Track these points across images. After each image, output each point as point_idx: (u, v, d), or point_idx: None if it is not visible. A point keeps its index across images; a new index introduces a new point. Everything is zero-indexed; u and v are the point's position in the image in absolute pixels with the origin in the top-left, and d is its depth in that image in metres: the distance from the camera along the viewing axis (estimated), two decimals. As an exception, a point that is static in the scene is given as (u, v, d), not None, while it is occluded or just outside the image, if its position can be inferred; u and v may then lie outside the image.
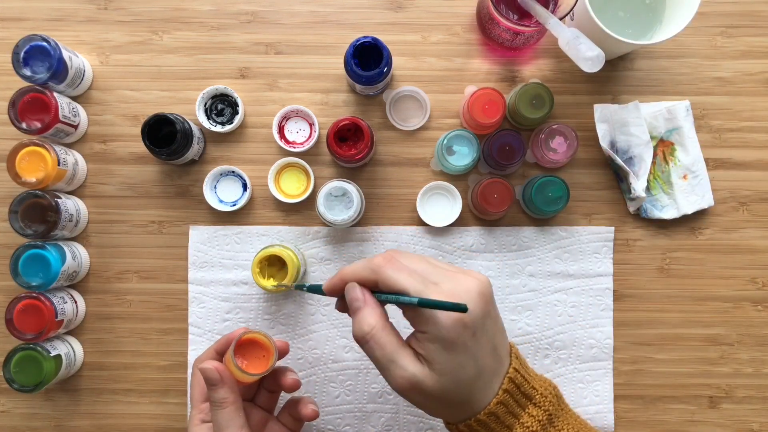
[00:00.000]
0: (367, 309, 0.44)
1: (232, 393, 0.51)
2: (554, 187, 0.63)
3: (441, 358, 0.42)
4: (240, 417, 0.51)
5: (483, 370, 0.43)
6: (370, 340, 0.43)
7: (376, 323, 0.43)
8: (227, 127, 0.66)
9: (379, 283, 0.44)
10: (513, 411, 0.44)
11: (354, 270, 0.46)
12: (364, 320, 0.44)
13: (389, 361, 0.43)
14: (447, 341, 0.41)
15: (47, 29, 0.68)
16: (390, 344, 0.43)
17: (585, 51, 0.55)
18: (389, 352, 0.43)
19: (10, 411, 0.67)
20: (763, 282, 0.68)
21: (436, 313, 0.41)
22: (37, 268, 0.61)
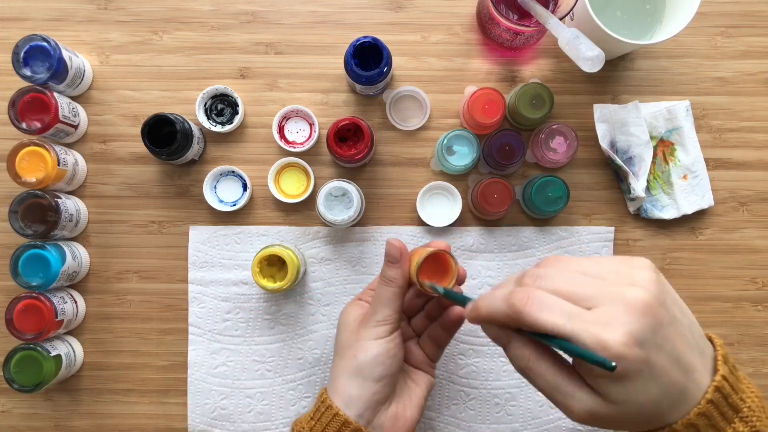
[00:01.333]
0: (514, 342, 0.40)
1: (402, 278, 0.52)
2: (554, 187, 0.63)
3: (615, 390, 0.37)
4: (399, 301, 0.52)
5: (668, 388, 0.38)
6: (530, 371, 0.40)
7: (529, 353, 0.40)
8: (227, 127, 0.66)
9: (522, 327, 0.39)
10: (716, 424, 0.39)
11: (491, 312, 0.41)
12: (517, 353, 0.40)
13: (554, 390, 0.39)
14: (617, 376, 0.36)
15: (47, 29, 0.68)
16: (550, 373, 0.39)
17: (585, 51, 0.55)
18: (551, 381, 0.39)
19: (10, 411, 0.67)
20: (763, 282, 0.68)
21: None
22: (37, 268, 0.61)
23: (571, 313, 0.37)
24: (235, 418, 0.66)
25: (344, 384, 0.51)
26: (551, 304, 0.37)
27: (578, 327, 0.36)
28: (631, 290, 0.37)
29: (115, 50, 0.68)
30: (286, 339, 0.67)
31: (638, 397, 0.37)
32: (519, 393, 0.66)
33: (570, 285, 0.38)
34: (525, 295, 0.38)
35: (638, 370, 0.36)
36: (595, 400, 0.38)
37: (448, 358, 0.67)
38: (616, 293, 0.37)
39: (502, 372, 0.66)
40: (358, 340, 0.52)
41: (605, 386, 0.37)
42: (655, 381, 0.37)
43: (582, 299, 0.37)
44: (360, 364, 0.51)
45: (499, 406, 0.66)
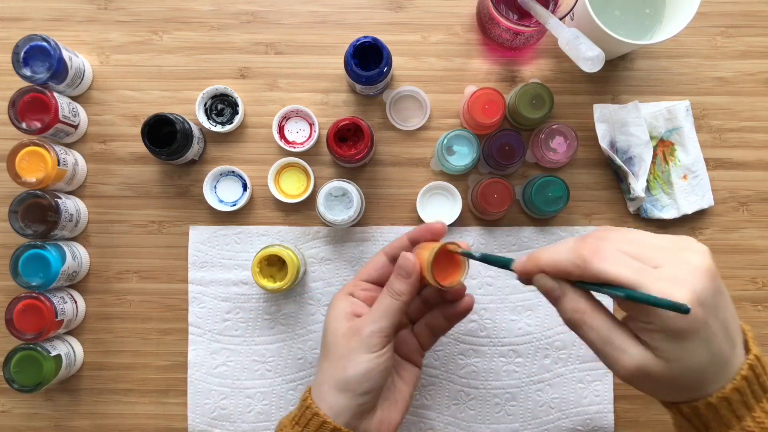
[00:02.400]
0: (571, 294, 0.41)
1: (411, 293, 0.50)
2: (554, 187, 0.63)
3: (669, 347, 0.38)
4: (398, 316, 0.50)
5: (716, 355, 0.39)
6: (583, 324, 0.40)
7: (585, 306, 0.40)
8: (227, 127, 0.66)
9: (585, 278, 0.40)
10: (747, 402, 0.40)
11: (554, 261, 0.41)
12: (572, 305, 0.41)
13: (606, 343, 0.40)
14: (675, 331, 0.37)
15: (47, 29, 0.68)
16: (605, 326, 0.40)
17: (585, 51, 0.55)
18: (605, 334, 0.40)
19: (10, 411, 0.67)
20: (763, 282, 0.68)
21: None
22: (37, 268, 0.61)
23: (639, 267, 0.38)
24: (235, 418, 0.66)
25: (332, 395, 0.50)
26: (620, 257, 0.39)
27: (646, 280, 0.37)
28: (695, 256, 0.39)
29: (115, 50, 0.68)
30: (286, 339, 0.67)
31: (689, 358, 0.38)
32: (519, 393, 0.66)
33: (635, 246, 0.40)
34: (594, 247, 0.40)
35: (696, 330, 0.37)
36: (646, 355, 0.38)
37: (448, 358, 0.67)
38: (680, 257, 0.39)
39: (502, 372, 0.66)
40: (350, 350, 0.50)
41: (660, 341, 0.38)
42: (707, 345, 0.38)
43: (647, 259, 0.39)
44: (349, 378, 0.49)
45: (499, 406, 0.66)
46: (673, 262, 0.38)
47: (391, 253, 0.55)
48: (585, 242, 0.41)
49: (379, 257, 0.55)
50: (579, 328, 0.41)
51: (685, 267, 0.38)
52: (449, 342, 0.67)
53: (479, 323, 0.67)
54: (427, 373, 0.67)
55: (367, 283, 0.55)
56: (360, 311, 0.52)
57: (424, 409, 0.67)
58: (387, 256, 0.55)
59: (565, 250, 0.41)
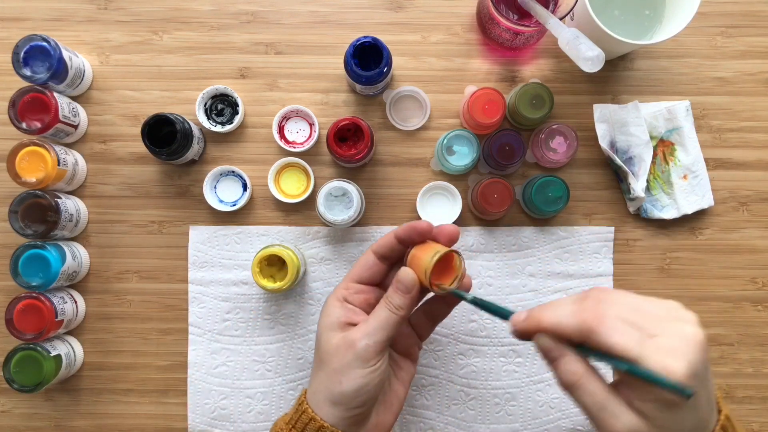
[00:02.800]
0: (569, 358, 0.42)
1: (409, 309, 0.50)
2: (554, 187, 0.63)
3: (662, 417, 0.39)
4: (395, 329, 0.50)
5: (700, 421, 0.41)
6: (579, 387, 0.41)
7: (582, 371, 0.41)
8: (227, 127, 0.66)
9: (586, 344, 0.41)
10: None
11: (557, 323, 0.42)
12: (569, 368, 0.41)
13: (601, 409, 0.40)
14: (670, 403, 0.39)
15: (47, 29, 0.68)
16: (600, 392, 0.41)
17: (585, 51, 0.55)
18: (600, 399, 0.40)
19: (10, 411, 0.67)
20: (763, 282, 0.68)
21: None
22: (37, 268, 0.61)
23: (639, 339, 0.39)
24: (235, 418, 0.66)
25: (326, 407, 0.49)
26: (622, 327, 0.39)
27: (646, 352, 0.38)
28: (689, 327, 0.40)
29: (115, 50, 0.68)
30: (286, 339, 0.67)
31: (678, 427, 0.40)
32: (519, 393, 0.66)
33: (633, 314, 0.40)
34: (599, 314, 0.40)
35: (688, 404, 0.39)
36: (639, 423, 0.39)
37: (448, 358, 0.67)
38: (674, 327, 0.40)
39: (502, 372, 0.66)
40: (344, 364, 0.49)
41: (655, 411, 0.39)
42: (695, 413, 0.40)
43: (645, 328, 0.39)
44: (345, 392, 0.48)
45: (499, 406, 0.66)
46: (669, 333, 0.39)
47: (379, 251, 0.53)
48: (585, 307, 0.41)
49: (368, 256, 0.53)
50: (574, 390, 0.41)
51: (680, 338, 0.39)
52: (449, 342, 0.67)
53: (479, 323, 0.67)
54: (427, 373, 0.67)
55: (358, 285, 0.53)
56: (354, 318, 0.51)
57: (424, 409, 0.67)
58: (375, 255, 0.53)
59: (568, 314, 0.42)
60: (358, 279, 0.53)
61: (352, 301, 0.52)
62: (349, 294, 0.52)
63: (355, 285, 0.53)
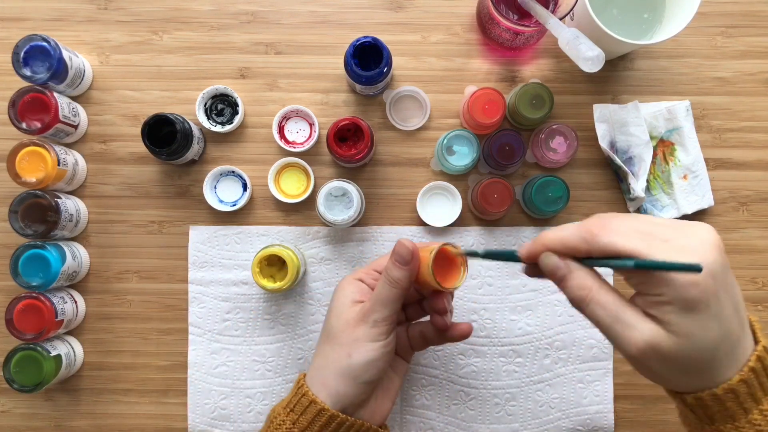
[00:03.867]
0: (577, 272, 0.40)
1: (408, 280, 0.50)
2: (554, 187, 0.63)
3: (680, 320, 0.37)
4: (399, 304, 0.50)
5: (727, 333, 0.38)
6: (590, 301, 0.39)
7: (592, 283, 0.40)
8: (227, 127, 0.66)
9: (592, 253, 0.40)
10: (754, 394, 0.39)
11: (561, 237, 0.41)
12: (578, 283, 0.40)
13: (615, 320, 0.38)
14: (687, 302, 0.36)
15: (47, 29, 0.68)
16: (613, 302, 0.39)
17: (585, 51, 0.55)
18: (613, 311, 0.39)
19: (10, 411, 0.67)
20: (763, 282, 0.68)
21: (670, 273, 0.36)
22: (37, 268, 0.61)
23: (648, 240, 0.37)
24: (235, 418, 0.66)
25: (333, 380, 0.50)
26: (629, 231, 0.38)
27: (656, 251, 0.36)
28: (702, 231, 0.38)
29: (115, 50, 0.68)
30: (286, 339, 0.67)
31: (701, 333, 0.37)
32: (519, 393, 0.66)
33: (643, 224, 0.39)
34: (601, 223, 0.40)
35: (707, 302, 0.36)
36: (657, 331, 0.37)
37: (448, 358, 0.67)
38: (687, 231, 0.38)
39: (502, 372, 0.66)
40: (355, 338, 0.50)
41: (671, 314, 0.37)
42: (719, 321, 0.37)
43: (656, 235, 0.38)
44: (353, 365, 0.49)
45: (499, 406, 0.66)
46: (682, 235, 0.38)
47: None
48: (589, 221, 0.41)
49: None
50: (586, 306, 0.40)
51: (694, 239, 0.37)
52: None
53: (479, 323, 0.67)
54: (427, 373, 0.67)
55: (376, 273, 0.55)
56: (367, 298, 0.53)
57: (424, 409, 0.67)
58: None
59: (572, 227, 0.41)
60: (376, 267, 0.55)
61: (368, 284, 0.54)
62: (365, 276, 0.54)
63: (373, 272, 0.55)
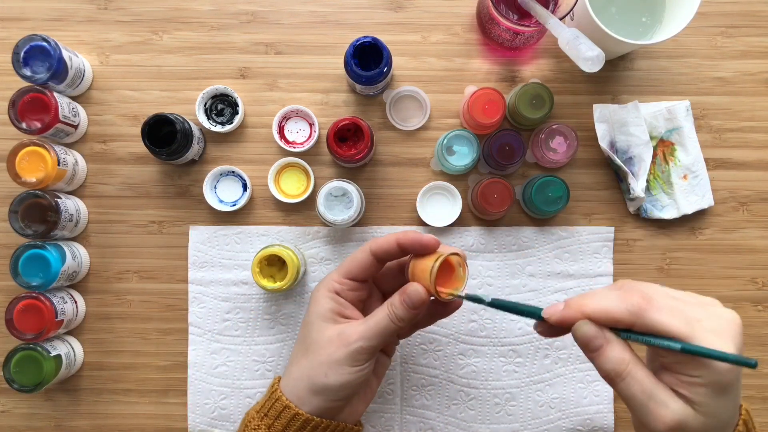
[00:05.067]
0: (615, 344, 0.40)
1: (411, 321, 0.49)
2: (554, 187, 0.63)
3: (711, 402, 0.38)
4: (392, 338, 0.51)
5: (735, 409, 0.41)
6: (627, 376, 0.40)
7: (629, 357, 0.40)
8: (227, 127, 0.66)
9: (635, 327, 0.40)
10: None
11: (605, 308, 0.40)
12: (617, 356, 0.40)
13: (649, 398, 0.39)
14: (722, 386, 0.38)
15: (47, 29, 0.68)
16: (648, 380, 0.40)
17: (585, 51, 0.55)
18: (648, 388, 0.39)
19: (10, 411, 0.67)
20: (763, 282, 0.68)
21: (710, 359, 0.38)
22: (37, 268, 0.61)
23: (688, 320, 0.38)
24: (235, 418, 0.66)
25: (308, 395, 0.49)
26: (672, 308, 0.39)
27: (697, 333, 0.38)
28: (725, 311, 0.40)
29: (115, 50, 0.68)
30: (286, 339, 0.67)
31: (722, 413, 0.39)
32: (519, 393, 0.66)
33: (674, 300, 0.40)
34: (648, 296, 0.40)
35: (733, 385, 0.39)
36: (687, 411, 0.39)
37: (448, 358, 0.67)
38: (712, 311, 0.40)
39: (502, 372, 0.66)
40: (334, 359, 0.49)
41: (704, 396, 0.38)
42: (735, 400, 0.40)
43: (687, 312, 0.39)
44: (330, 386, 0.48)
45: (499, 406, 0.66)
46: (711, 316, 0.39)
47: (378, 253, 0.51)
48: (630, 291, 0.40)
49: (365, 255, 0.52)
50: (622, 380, 0.40)
51: (722, 321, 0.39)
52: (449, 342, 0.67)
53: (479, 323, 0.67)
54: (427, 373, 0.67)
55: (350, 281, 0.52)
56: (347, 313, 0.51)
57: (424, 409, 0.67)
58: (374, 256, 0.52)
59: (615, 298, 0.40)
60: (350, 275, 0.53)
61: (345, 297, 0.52)
62: (342, 289, 0.52)
63: (348, 281, 0.53)
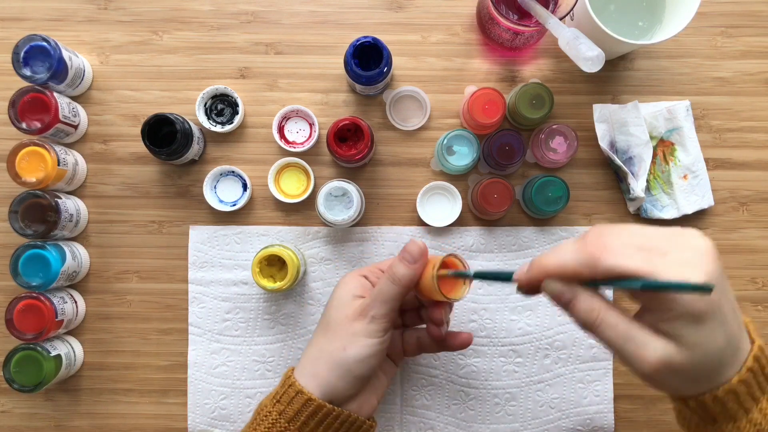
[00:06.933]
0: (582, 295, 0.40)
1: (410, 280, 0.50)
2: (554, 187, 0.63)
3: (691, 333, 0.37)
4: (398, 302, 0.51)
5: (730, 338, 0.39)
6: (600, 323, 0.39)
7: (599, 305, 0.40)
8: (227, 127, 0.66)
9: (597, 276, 0.39)
10: (753, 393, 0.40)
11: (560, 264, 0.40)
12: (585, 306, 0.40)
13: (626, 340, 0.39)
14: (696, 314, 0.37)
15: (47, 29, 0.68)
16: (623, 322, 0.39)
17: (585, 51, 0.55)
18: (624, 330, 0.39)
19: (10, 411, 0.67)
20: (763, 282, 0.68)
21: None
22: (37, 268, 0.61)
23: (648, 257, 0.38)
24: (235, 418, 0.66)
25: (326, 371, 0.50)
26: (628, 250, 0.38)
27: (658, 268, 0.37)
28: (696, 239, 0.39)
29: (115, 50, 0.68)
30: (286, 339, 0.67)
31: (709, 342, 0.38)
32: (519, 393, 0.66)
33: (637, 238, 0.39)
34: (599, 244, 0.39)
35: (713, 312, 0.37)
36: (669, 346, 0.38)
37: (448, 358, 0.67)
38: (682, 242, 0.39)
39: (502, 372, 0.66)
40: (352, 332, 0.50)
41: (682, 328, 0.38)
42: (723, 327, 0.38)
43: (652, 249, 0.38)
44: (348, 358, 0.50)
45: (499, 406, 0.66)
46: (678, 247, 0.38)
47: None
48: (588, 241, 0.40)
49: None
50: (596, 327, 0.40)
51: (691, 251, 0.38)
52: (449, 342, 0.67)
53: (479, 323, 0.67)
54: (427, 373, 0.67)
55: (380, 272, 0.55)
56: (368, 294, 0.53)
57: (424, 409, 0.67)
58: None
59: (571, 251, 0.40)
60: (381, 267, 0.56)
61: (372, 280, 0.54)
62: (370, 274, 0.55)
63: (377, 271, 0.55)
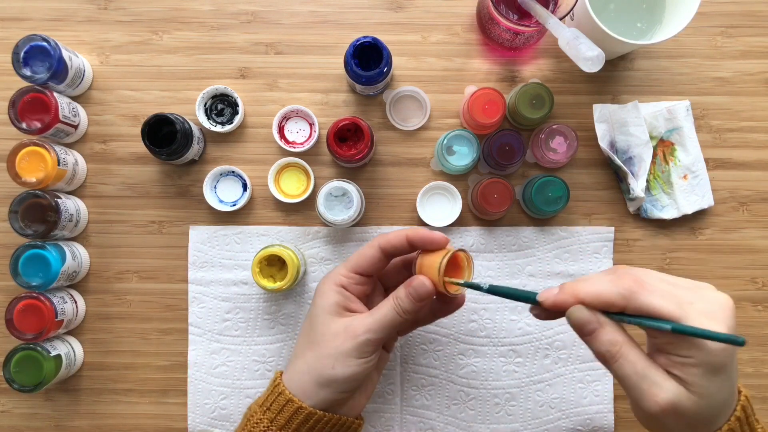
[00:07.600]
0: (608, 327, 0.41)
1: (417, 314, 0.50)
2: (554, 187, 0.63)
3: (704, 383, 0.39)
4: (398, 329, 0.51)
5: (732, 391, 0.41)
6: (620, 357, 0.41)
7: (622, 339, 0.41)
8: (227, 127, 0.66)
9: (628, 310, 0.41)
10: None
11: (597, 292, 0.41)
12: (610, 338, 0.41)
13: (642, 378, 0.40)
14: (715, 366, 0.39)
15: (47, 29, 0.68)
16: (641, 361, 0.40)
17: (585, 51, 0.55)
18: (641, 368, 0.40)
19: (10, 411, 0.67)
20: (763, 282, 0.68)
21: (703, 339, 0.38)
22: (37, 268, 0.61)
23: (679, 302, 0.39)
24: (235, 418, 0.66)
25: (313, 388, 0.50)
26: (663, 291, 0.40)
27: (688, 314, 0.38)
28: (717, 294, 0.41)
29: (115, 50, 0.68)
30: (286, 339, 0.67)
31: (718, 393, 0.40)
32: (519, 393, 0.66)
33: (665, 284, 0.41)
34: (639, 279, 0.41)
35: (726, 366, 0.39)
36: (680, 391, 0.39)
37: (448, 358, 0.67)
38: (705, 294, 0.40)
39: (502, 372, 0.66)
40: (341, 351, 0.49)
41: (697, 376, 0.39)
42: (730, 381, 0.40)
43: (679, 295, 0.40)
44: (337, 377, 0.49)
45: (499, 406, 0.66)
46: (702, 299, 0.40)
47: (387, 248, 0.52)
48: (622, 275, 0.41)
49: (374, 250, 0.53)
50: (615, 361, 0.41)
51: (714, 304, 0.40)
52: (449, 342, 0.67)
53: (479, 323, 0.67)
54: (427, 373, 0.67)
55: (357, 276, 0.53)
56: (353, 307, 0.52)
57: (424, 409, 0.67)
58: (382, 251, 0.52)
59: (608, 282, 0.41)
60: (358, 269, 0.53)
61: (351, 291, 0.53)
62: (348, 283, 0.53)
63: (354, 275, 0.53)
